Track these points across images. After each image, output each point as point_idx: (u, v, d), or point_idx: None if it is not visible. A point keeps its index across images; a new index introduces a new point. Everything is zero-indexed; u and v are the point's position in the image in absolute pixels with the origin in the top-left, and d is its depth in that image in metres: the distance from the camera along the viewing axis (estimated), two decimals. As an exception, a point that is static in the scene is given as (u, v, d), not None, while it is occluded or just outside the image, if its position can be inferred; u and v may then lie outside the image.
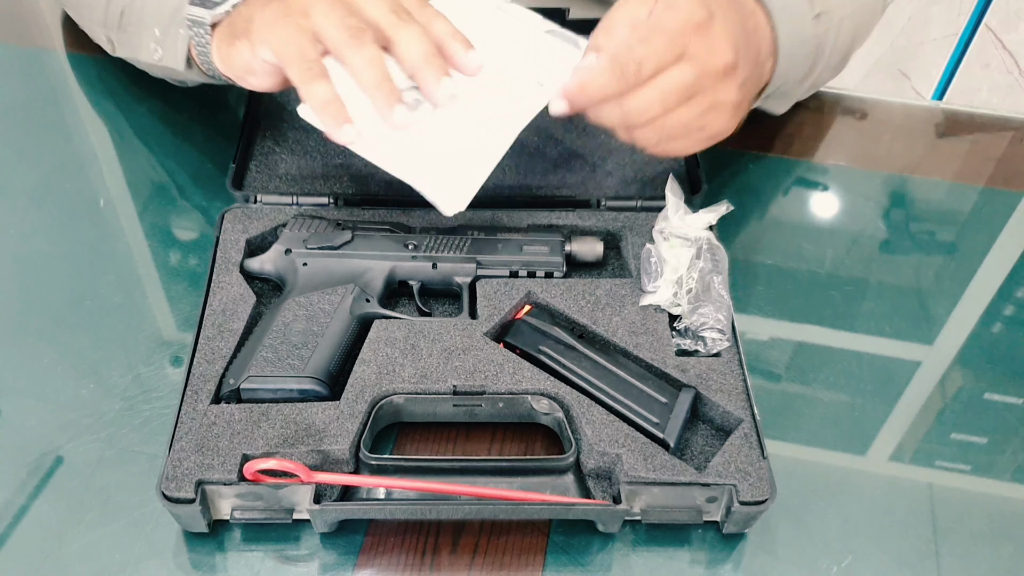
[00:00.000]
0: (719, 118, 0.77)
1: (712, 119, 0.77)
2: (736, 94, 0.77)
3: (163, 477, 0.69)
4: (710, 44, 0.74)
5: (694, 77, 0.73)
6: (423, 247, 0.83)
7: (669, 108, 0.74)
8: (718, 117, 0.77)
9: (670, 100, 0.74)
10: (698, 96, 0.75)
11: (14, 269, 0.89)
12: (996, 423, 0.82)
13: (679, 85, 0.74)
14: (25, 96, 1.06)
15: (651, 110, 0.74)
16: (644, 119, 0.74)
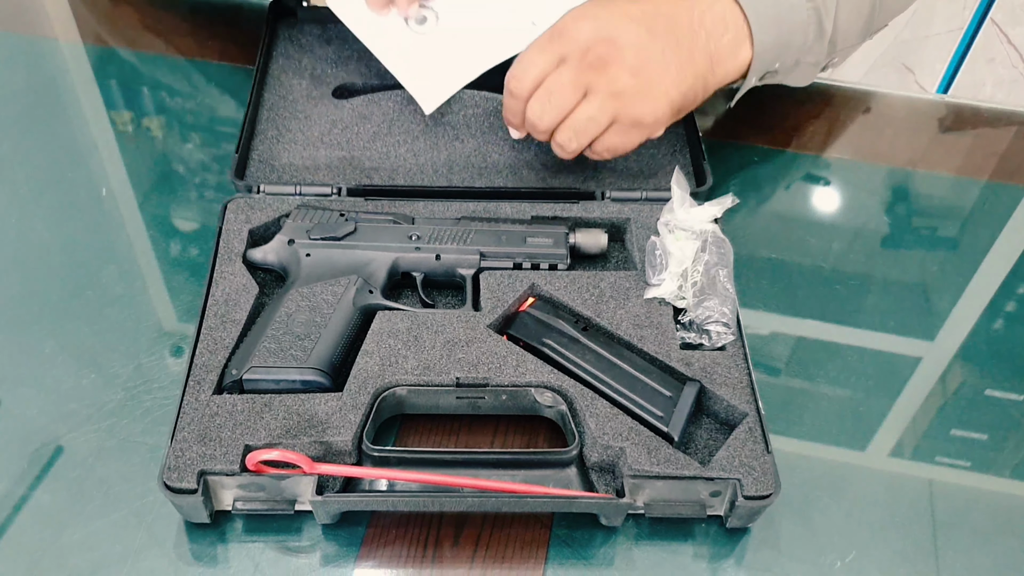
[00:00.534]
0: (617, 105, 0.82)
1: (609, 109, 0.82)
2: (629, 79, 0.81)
3: (165, 467, 0.68)
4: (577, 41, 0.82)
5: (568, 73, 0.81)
6: (426, 238, 0.83)
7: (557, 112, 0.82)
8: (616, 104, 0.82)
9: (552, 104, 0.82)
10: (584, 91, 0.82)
11: (15, 259, 0.89)
12: (998, 419, 0.81)
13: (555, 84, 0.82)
14: (27, 85, 1.06)
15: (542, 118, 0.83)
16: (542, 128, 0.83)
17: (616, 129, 0.83)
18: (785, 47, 0.88)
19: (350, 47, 1.01)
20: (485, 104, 0.96)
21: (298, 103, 0.97)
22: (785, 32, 0.88)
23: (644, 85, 0.81)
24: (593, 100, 0.81)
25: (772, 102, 1.03)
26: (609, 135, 0.83)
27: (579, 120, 0.82)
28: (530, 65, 0.83)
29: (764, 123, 1.04)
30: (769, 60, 0.88)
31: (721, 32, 0.85)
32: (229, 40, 1.10)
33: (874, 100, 1.11)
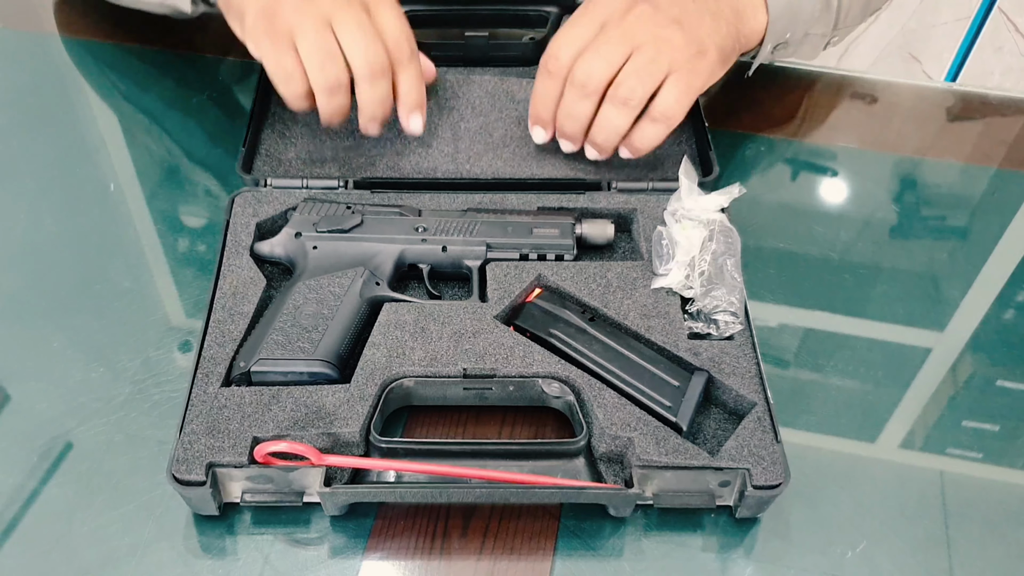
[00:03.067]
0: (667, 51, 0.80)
1: (662, 56, 0.80)
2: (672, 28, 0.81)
3: (173, 460, 0.68)
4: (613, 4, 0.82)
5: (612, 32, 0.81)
6: (433, 230, 0.83)
7: (608, 66, 0.80)
8: (666, 51, 0.80)
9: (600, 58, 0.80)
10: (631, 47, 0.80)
11: (23, 254, 0.89)
12: (1009, 409, 0.81)
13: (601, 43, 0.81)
14: (34, 81, 1.06)
15: (592, 73, 0.81)
16: (593, 85, 0.81)
17: (673, 81, 0.81)
18: (795, 16, 0.90)
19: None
20: (491, 90, 0.96)
21: (304, 96, 0.97)
22: (796, 6, 0.90)
23: (689, 34, 0.81)
24: (645, 51, 0.80)
25: (779, 91, 1.02)
26: (666, 91, 0.81)
27: (635, 70, 0.80)
28: (569, 39, 0.82)
29: (771, 113, 1.04)
30: (782, 28, 0.90)
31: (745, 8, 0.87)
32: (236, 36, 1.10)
33: (882, 89, 1.10)
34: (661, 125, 0.83)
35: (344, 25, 0.79)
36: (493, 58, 1.00)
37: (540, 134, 0.88)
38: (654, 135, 0.84)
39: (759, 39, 0.90)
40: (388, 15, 0.82)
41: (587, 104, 0.83)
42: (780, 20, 0.89)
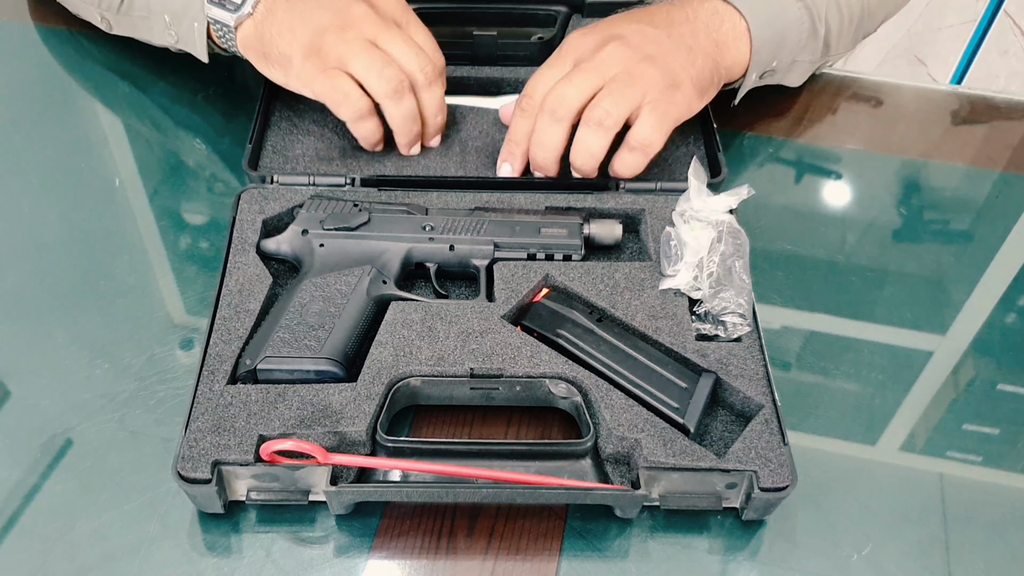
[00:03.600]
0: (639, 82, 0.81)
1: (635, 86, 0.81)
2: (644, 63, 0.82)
3: (179, 457, 0.68)
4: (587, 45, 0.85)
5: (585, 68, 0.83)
6: (440, 229, 0.82)
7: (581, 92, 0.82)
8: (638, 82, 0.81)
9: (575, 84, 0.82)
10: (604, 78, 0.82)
11: (28, 250, 0.89)
12: (1019, 412, 0.81)
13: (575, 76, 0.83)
14: (39, 76, 1.06)
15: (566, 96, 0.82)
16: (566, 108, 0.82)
17: (649, 110, 0.81)
18: (780, 44, 0.91)
19: None
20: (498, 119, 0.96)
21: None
22: (780, 29, 0.91)
23: (662, 68, 0.82)
24: (618, 80, 0.82)
25: (786, 94, 1.02)
26: (643, 119, 0.82)
27: (608, 93, 0.81)
28: (543, 79, 0.84)
29: (777, 114, 1.04)
30: (767, 57, 0.91)
31: (718, 24, 0.88)
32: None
33: (887, 92, 1.10)
34: (639, 153, 0.83)
35: (390, 41, 0.83)
36: (501, 57, 1.00)
37: (507, 169, 0.88)
38: (634, 164, 0.84)
39: (743, 70, 0.91)
40: (420, 33, 0.87)
41: (558, 129, 0.83)
42: (764, 49, 0.90)
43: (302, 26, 0.83)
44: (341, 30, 0.82)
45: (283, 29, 0.84)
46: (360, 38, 0.82)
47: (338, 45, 0.82)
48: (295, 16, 0.83)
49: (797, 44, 0.92)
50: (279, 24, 0.84)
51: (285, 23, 0.84)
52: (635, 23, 0.86)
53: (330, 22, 0.82)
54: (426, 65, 0.84)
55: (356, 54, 0.82)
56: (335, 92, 0.83)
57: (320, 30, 0.82)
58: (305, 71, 0.83)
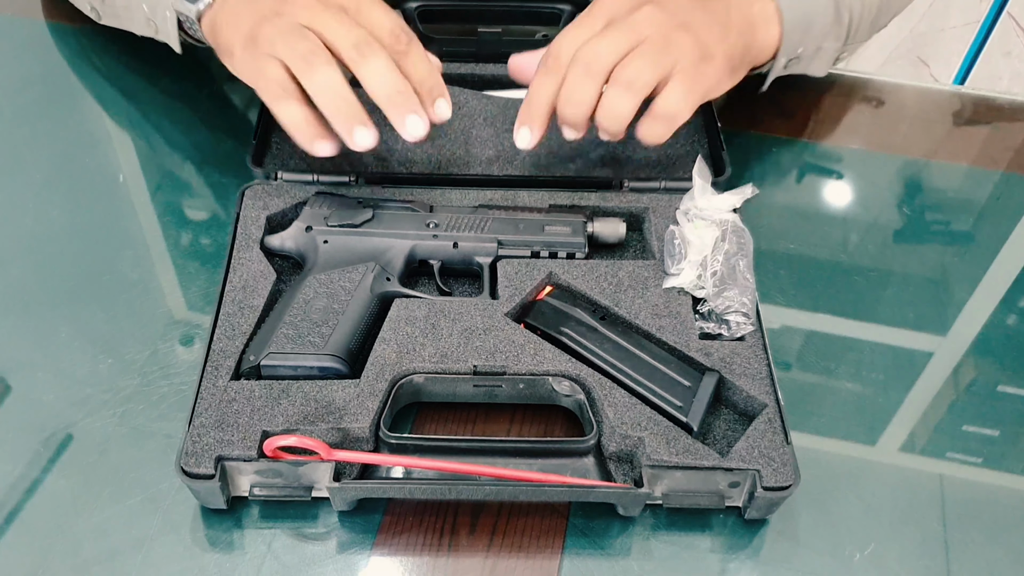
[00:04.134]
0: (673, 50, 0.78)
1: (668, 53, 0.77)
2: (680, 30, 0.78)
3: (182, 452, 0.68)
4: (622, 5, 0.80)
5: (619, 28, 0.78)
6: (444, 226, 0.82)
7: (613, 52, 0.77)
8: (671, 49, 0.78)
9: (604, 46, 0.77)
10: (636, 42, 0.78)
11: (31, 245, 0.89)
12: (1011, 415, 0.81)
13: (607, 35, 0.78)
14: (42, 71, 1.06)
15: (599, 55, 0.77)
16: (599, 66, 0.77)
17: (679, 79, 0.78)
18: (808, 28, 0.89)
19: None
20: (503, 106, 0.95)
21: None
22: (807, 12, 0.89)
23: (696, 38, 0.79)
24: (652, 43, 0.78)
25: (790, 93, 1.02)
26: (671, 87, 0.78)
27: (640, 54, 0.77)
28: (572, 37, 0.79)
29: (782, 113, 1.04)
30: (795, 41, 0.89)
31: (749, 4, 0.86)
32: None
33: (890, 92, 1.10)
34: (664, 122, 0.80)
35: (325, 22, 0.76)
36: (505, 54, 1.00)
37: (525, 135, 0.82)
38: (659, 132, 0.80)
39: (772, 52, 0.90)
40: (373, 11, 0.78)
41: (591, 84, 0.78)
42: (793, 33, 0.89)
43: (246, 16, 0.79)
44: (277, 16, 0.77)
45: (230, 19, 0.81)
46: (291, 22, 0.76)
47: (270, 31, 0.77)
48: (242, 6, 0.81)
49: (823, 30, 0.91)
50: (228, 14, 0.82)
51: (232, 13, 0.81)
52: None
53: (269, 9, 0.78)
54: (358, 34, 0.75)
55: (282, 35, 0.75)
56: (256, 72, 0.77)
57: (259, 19, 0.78)
58: (243, 61, 0.79)
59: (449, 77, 0.98)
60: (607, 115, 0.79)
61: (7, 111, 1.02)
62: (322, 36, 0.75)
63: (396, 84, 0.75)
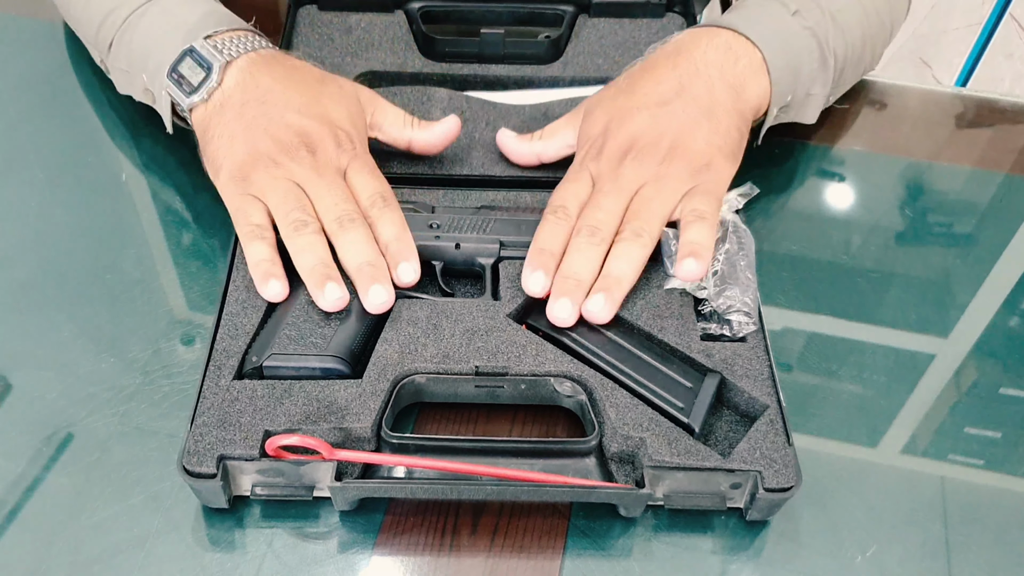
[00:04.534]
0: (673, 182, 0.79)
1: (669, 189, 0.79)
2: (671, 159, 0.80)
3: (184, 451, 0.68)
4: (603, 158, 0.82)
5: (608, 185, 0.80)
6: (446, 227, 0.82)
7: (612, 210, 0.79)
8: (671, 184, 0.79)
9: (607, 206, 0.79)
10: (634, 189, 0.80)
11: (34, 243, 0.89)
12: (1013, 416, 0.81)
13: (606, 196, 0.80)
14: (45, 70, 1.06)
15: (603, 219, 0.78)
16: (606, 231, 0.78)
17: (688, 198, 0.79)
18: (795, 75, 0.88)
19: (371, 37, 1.01)
20: (504, 111, 0.96)
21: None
22: (793, 57, 0.88)
23: (686, 158, 0.80)
24: (645, 199, 0.79)
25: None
26: (687, 227, 0.78)
27: (643, 214, 0.78)
28: (569, 193, 0.81)
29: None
30: (784, 89, 0.88)
31: (733, 62, 0.85)
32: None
33: (892, 93, 1.10)
34: (699, 259, 0.76)
35: (317, 188, 0.78)
36: (508, 56, 1.00)
37: (540, 279, 0.77)
38: (696, 269, 0.77)
39: (766, 104, 0.87)
40: (360, 177, 0.80)
41: (597, 252, 0.78)
42: (782, 81, 0.87)
43: (240, 142, 0.79)
44: (274, 165, 0.78)
45: (225, 135, 0.80)
46: (287, 180, 0.78)
47: (265, 180, 0.78)
48: (239, 128, 0.80)
49: (809, 75, 0.89)
50: (223, 128, 0.81)
51: (228, 131, 0.81)
52: (643, 109, 0.82)
53: (266, 152, 0.78)
54: (344, 205, 0.77)
55: (275, 191, 0.77)
56: (239, 209, 0.78)
57: (254, 158, 0.78)
58: (227, 189, 0.79)
59: (452, 78, 0.99)
60: (620, 264, 0.77)
61: (10, 110, 1.02)
62: (312, 200, 0.78)
63: (368, 257, 0.76)
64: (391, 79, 0.99)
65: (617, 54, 1.01)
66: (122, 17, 0.89)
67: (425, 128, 0.88)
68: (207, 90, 0.82)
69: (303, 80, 0.84)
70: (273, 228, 0.78)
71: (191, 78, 0.82)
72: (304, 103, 0.81)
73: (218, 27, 0.84)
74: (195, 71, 0.82)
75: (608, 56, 1.01)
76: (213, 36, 0.84)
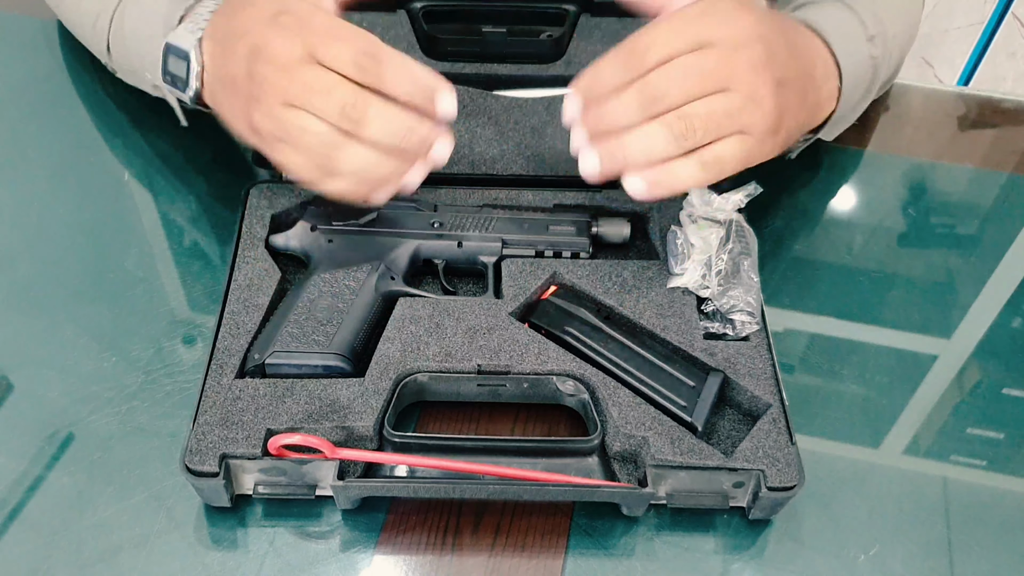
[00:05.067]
0: (754, 112, 0.69)
1: (747, 114, 0.69)
2: (772, 91, 0.69)
3: (187, 450, 0.68)
4: (734, 30, 0.69)
5: (715, 58, 0.68)
6: (448, 225, 0.82)
7: (690, 92, 0.67)
8: (753, 111, 0.69)
9: (689, 79, 0.67)
10: (725, 85, 0.68)
11: (36, 243, 0.89)
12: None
13: (697, 63, 0.67)
14: (48, 69, 1.06)
15: (669, 91, 0.67)
16: (663, 104, 0.67)
17: (741, 139, 0.70)
18: (849, 104, 0.86)
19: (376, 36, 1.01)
20: (507, 104, 0.95)
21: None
22: (855, 88, 0.86)
23: (778, 104, 0.71)
24: (733, 98, 0.68)
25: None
26: (731, 143, 0.69)
27: (710, 112, 0.67)
28: (668, 39, 0.68)
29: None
30: (836, 117, 0.86)
31: (822, 82, 0.81)
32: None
33: (895, 93, 1.10)
34: (710, 171, 0.70)
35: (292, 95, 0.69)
36: (510, 54, 1.00)
37: (574, 103, 0.71)
38: (697, 178, 0.70)
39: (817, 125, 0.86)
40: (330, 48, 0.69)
41: (636, 116, 0.68)
42: (844, 107, 0.85)
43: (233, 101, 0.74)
44: (257, 101, 0.70)
45: (225, 103, 0.76)
46: (279, 104, 0.69)
47: (264, 123, 0.70)
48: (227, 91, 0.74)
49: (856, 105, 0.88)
50: (223, 96, 0.76)
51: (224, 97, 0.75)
52: (782, 37, 0.73)
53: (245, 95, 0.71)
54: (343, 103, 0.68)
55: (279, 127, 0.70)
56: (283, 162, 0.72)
57: (244, 106, 0.72)
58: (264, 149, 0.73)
59: (454, 77, 0.98)
60: (638, 150, 0.69)
61: (12, 110, 1.02)
62: (308, 110, 0.69)
63: (402, 127, 0.69)
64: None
65: (619, 53, 1.01)
66: (107, 21, 0.88)
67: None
68: (196, 76, 0.78)
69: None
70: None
71: (179, 73, 0.79)
72: (245, 19, 0.73)
73: (186, 3, 0.81)
74: (179, 65, 0.79)
75: (610, 55, 1.01)
76: (185, 16, 0.80)
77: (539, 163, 0.91)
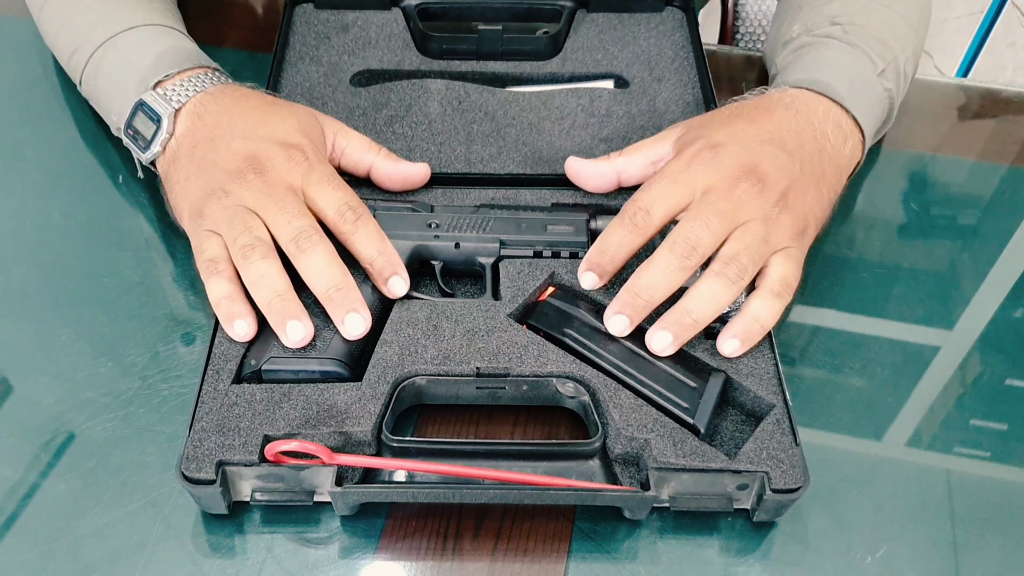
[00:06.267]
0: (777, 231, 0.74)
1: (773, 234, 0.74)
2: (781, 205, 0.75)
3: (183, 458, 0.67)
4: (720, 172, 0.75)
5: (718, 198, 0.74)
6: (446, 226, 0.82)
7: (716, 232, 0.73)
8: (775, 230, 0.74)
9: (711, 221, 0.73)
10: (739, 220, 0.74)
11: (31, 246, 0.88)
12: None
13: (709, 206, 0.74)
14: (44, 71, 1.05)
15: (701, 238, 0.72)
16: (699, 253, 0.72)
17: (783, 257, 0.75)
18: (870, 138, 0.88)
19: (368, 35, 1.00)
20: (504, 100, 0.95)
21: (315, 90, 0.96)
22: (875, 125, 0.88)
23: (794, 212, 0.76)
24: (753, 229, 0.74)
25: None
26: (779, 263, 0.75)
27: (746, 247, 0.72)
28: (664, 195, 0.75)
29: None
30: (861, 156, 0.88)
31: (841, 142, 0.82)
32: (246, 27, 1.09)
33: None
34: (784, 299, 0.74)
35: (268, 210, 0.74)
36: (506, 52, 0.99)
37: (592, 279, 0.76)
38: (777, 308, 0.74)
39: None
40: (321, 191, 0.76)
41: (682, 275, 0.73)
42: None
43: (195, 182, 0.78)
44: (224, 194, 0.75)
45: (181, 180, 0.79)
46: (237, 205, 0.74)
47: (216, 211, 0.75)
48: (193, 169, 0.78)
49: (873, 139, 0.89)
50: (180, 173, 0.79)
51: (184, 174, 0.79)
52: (767, 144, 0.77)
53: (218, 184, 0.76)
54: (299, 223, 0.73)
55: (226, 218, 0.74)
56: (196, 246, 0.76)
57: (208, 192, 0.76)
58: (189, 230, 0.78)
59: (449, 75, 0.98)
60: (702, 301, 0.73)
61: (7, 111, 1.01)
62: (266, 223, 0.74)
63: (334, 280, 0.73)
64: (388, 77, 0.98)
65: (616, 49, 1.00)
66: (85, 57, 0.89)
67: (389, 158, 0.85)
68: (160, 142, 0.80)
69: (250, 106, 0.82)
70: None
71: (144, 132, 0.81)
72: (250, 127, 0.79)
73: (169, 70, 0.83)
74: (147, 125, 0.81)
75: (607, 51, 1.00)
76: (164, 81, 0.82)
77: (536, 160, 0.90)
